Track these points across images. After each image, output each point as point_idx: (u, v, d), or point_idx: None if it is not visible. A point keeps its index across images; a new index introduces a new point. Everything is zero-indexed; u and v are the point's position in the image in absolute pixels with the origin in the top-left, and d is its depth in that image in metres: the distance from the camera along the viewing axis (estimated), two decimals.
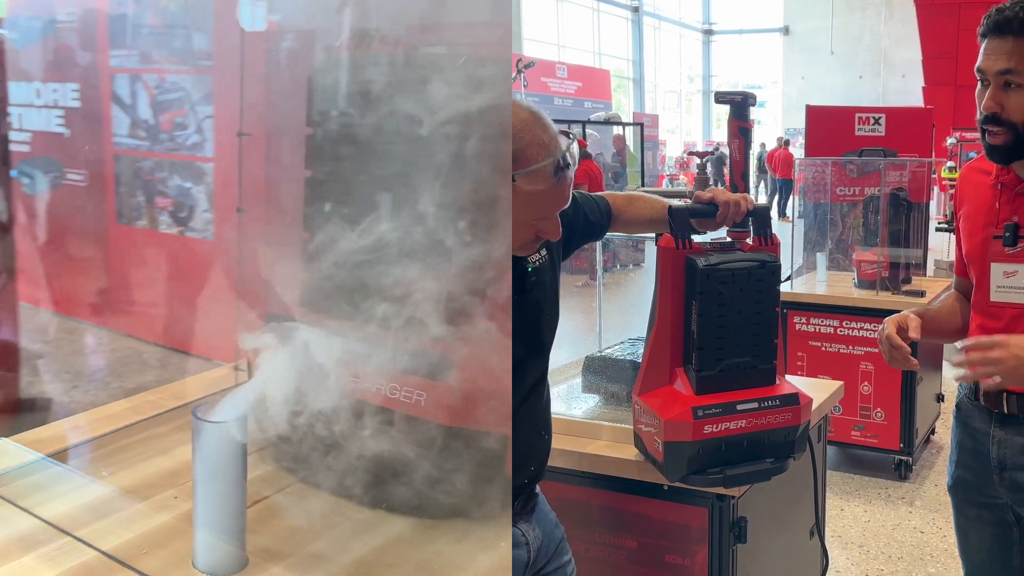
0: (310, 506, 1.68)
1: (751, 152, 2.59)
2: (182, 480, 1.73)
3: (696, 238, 2.21)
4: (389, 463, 1.60)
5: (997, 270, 2.12)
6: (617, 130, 16.67)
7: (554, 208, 1.83)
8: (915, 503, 4.87)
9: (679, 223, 2.16)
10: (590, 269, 8.04)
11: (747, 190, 2.48)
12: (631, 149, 16.49)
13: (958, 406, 2.30)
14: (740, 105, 2.47)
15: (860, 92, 25.92)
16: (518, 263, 1.94)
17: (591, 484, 2.45)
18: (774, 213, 17.17)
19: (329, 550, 1.58)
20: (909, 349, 2.14)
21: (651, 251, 2.21)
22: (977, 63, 2.06)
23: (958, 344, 2.04)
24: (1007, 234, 2.09)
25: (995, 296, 2.13)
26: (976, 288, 2.20)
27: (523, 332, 2.04)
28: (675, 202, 2.27)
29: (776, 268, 2.19)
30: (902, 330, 2.15)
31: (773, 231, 2.23)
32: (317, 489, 1.69)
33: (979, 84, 2.07)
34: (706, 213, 2.21)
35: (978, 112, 2.07)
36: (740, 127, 2.49)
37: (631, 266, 12.07)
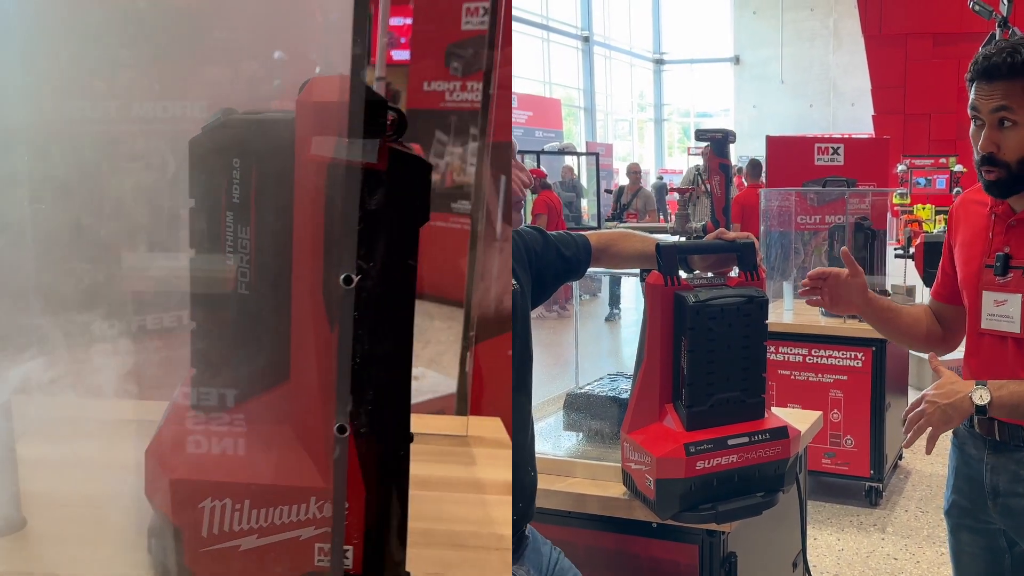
0: None
1: (731, 187, 2.61)
2: None
3: (682, 274, 2.21)
4: None
5: (988, 298, 2.16)
6: (567, 160, 16.73)
7: None
8: (887, 529, 4.89)
9: (667, 260, 2.17)
10: (548, 300, 8.00)
11: (727, 225, 2.49)
12: (577, 177, 16.57)
13: (955, 432, 2.33)
14: (720, 142, 2.50)
15: (811, 120, 26.27)
16: None
17: (577, 524, 2.42)
18: None
19: None
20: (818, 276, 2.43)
21: (606, 281, 2.21)
22: (970, 103, 2.09)
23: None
24: (998, 264, 2.14)
25: (986, 324, 2.18)
26: (968, 315, 2.24)
27: None
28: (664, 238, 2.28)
29: (764, 303, 2.20)
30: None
31: (760, 265, 2.24)
32: None
33: (972, 124, 2.11)
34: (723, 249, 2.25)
35: (975, 152, 2.10)
36: (720, 163, 2.51)
37: (587, 296, 12.08)
